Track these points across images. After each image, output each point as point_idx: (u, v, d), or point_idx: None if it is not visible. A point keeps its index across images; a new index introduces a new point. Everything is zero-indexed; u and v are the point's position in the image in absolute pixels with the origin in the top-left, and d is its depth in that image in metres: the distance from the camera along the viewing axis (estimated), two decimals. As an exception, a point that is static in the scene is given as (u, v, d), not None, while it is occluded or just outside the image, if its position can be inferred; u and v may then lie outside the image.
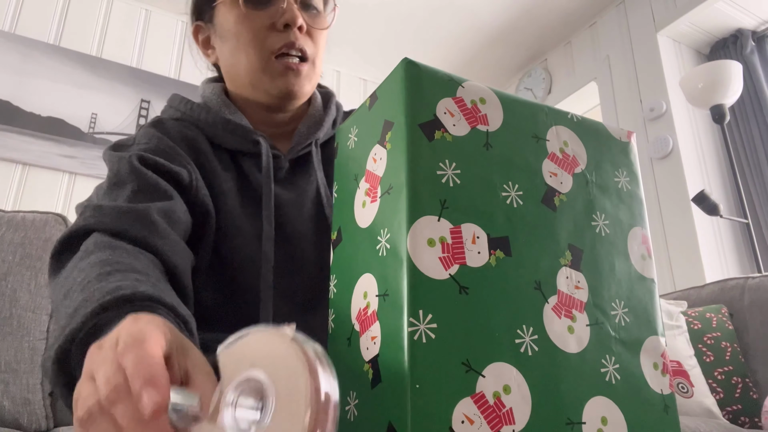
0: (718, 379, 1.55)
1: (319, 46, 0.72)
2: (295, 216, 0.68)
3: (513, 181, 0.45)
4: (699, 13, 2.59)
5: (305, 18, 0.69)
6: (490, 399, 0.37)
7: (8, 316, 1.03)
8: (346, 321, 0.45)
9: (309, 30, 0.70)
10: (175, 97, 0.75)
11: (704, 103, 2.21)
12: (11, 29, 2.56)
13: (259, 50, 0.67)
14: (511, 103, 0.48)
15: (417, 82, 0.43)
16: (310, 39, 0.70)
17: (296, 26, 0.68)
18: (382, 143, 0.45)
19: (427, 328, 0.36)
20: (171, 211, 0.58)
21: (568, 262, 0.45)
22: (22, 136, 2.44)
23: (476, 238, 0.41)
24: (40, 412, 1.03)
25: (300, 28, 0.68)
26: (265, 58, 0.67)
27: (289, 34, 0.67)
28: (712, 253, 2.39)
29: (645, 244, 0.51)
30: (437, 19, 3.07)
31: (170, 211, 0.58)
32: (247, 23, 0.68)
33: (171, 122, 0.70)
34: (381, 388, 0.38)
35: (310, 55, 0.70)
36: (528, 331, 0.40)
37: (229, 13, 0.69)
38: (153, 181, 0.59)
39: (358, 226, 0.47)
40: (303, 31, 0.69)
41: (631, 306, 0.47)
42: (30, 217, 1.16)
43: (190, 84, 2.87)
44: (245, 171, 0.69)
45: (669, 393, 0.46)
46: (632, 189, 0.53)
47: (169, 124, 0.69)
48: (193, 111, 0.71)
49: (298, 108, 0.75)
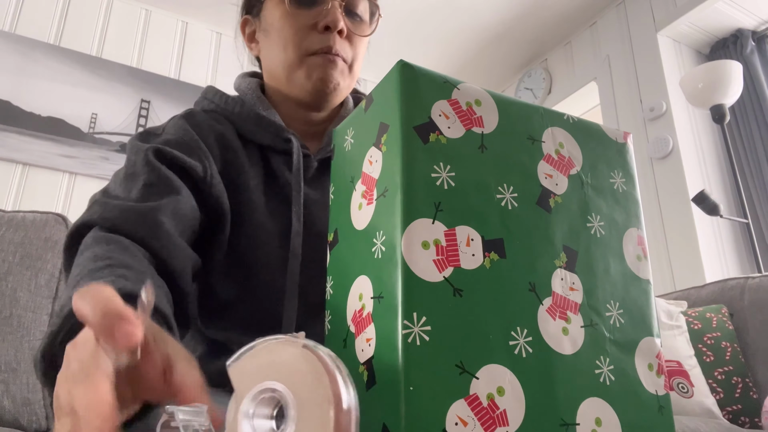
0: (718, 379, 1.55)
1: (358, 51, 0.74)
2: (320, 216, 0.67)
3: (508, 183, 0.45)
4: (699, 13, 2.59)
5: (347, 23, 0.71)
6: (483, 401, 0.37)
7: (8, 315, 1.04)
8: (341, 323, 0.45)
9: (349, 35, 0.72)
10: (210, 89, 0.76)
11: (704, 103, 2.21)
12: (11, 29, 2.56)
13: (298, 48, 0.69)
14: (507, 104, 0.48)
15: (412, 84, 0.44)
16: (348, 44, 0.71)
17: (336, 30, 0.69)
18: (377, 145, 0.45)
19: (421, 330, 0.37)
20: (179, 209, 0.59)
21: (562, 263, 0.45)
22: (22, 136, 2.44)
23: (471, 240, 0.41)
24: (40, 412, 1.03)
25: (340, 32, 0.69)
26: (301, 56, 0.69)
27: (328, 37, 0.69)
28: (712, 253, 2.39)
29: (641, 245, 0.52)
30: (437, 19, 3.07)
31: (178, 209, 0.59)
32: (291, 21, 0.69)
33: (202, 114, 0.71)
34: (376, 390, 0.38)
35: (347, 59, 0.71)
36: (522, 332, 0.41)
37: (275, 9, 0.71)
38: (165, 175, 0.60)
39: (354, 228, 0.47)
40: (343, 36, 0.70)
41: (626, 307, 0.47)
42: (30, 217, 1.16)
43: (191, 84, 2.88)
44: (273, 168, 0.69)
45: (664, 394, 0.47)
46: (628, 190, 0.53)
47: (200, 116, 0.70)
48: (227, 104, 0.72)
49: (332, 110, 0.76)
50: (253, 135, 0.70)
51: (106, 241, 0.52)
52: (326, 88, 0.70)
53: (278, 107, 0.74)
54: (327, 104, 0.73)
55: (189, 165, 0.63)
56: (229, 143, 0.68)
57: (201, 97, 0.76)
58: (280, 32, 0.70)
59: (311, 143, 0.75)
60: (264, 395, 0.29)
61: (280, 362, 0.29)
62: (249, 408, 0.29)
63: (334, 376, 0.27)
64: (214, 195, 0.64)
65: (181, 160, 0.62)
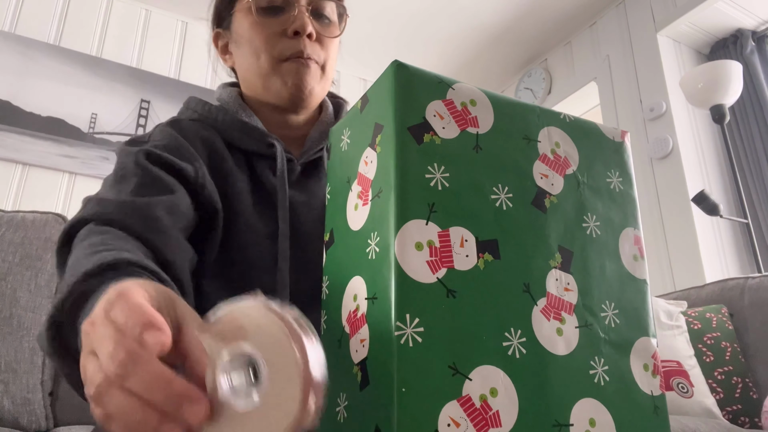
0: (718, 379, 1.55)
1: (330, 53, 0.75)
2: (306, 218, 0.69)
3: (503, 184, 0.45)
4: (699, 13, 2.58)
5: (316, 26, 0.72)
6: (476, 402, 0.37)
7: (8, 316, 1.04)
8: (336, 323, 0.45)
9: (319, 37, 0.73)
10: (192, 99, 0.78)
11: (704, 103, 2.20)
12: (11, 29, 2.56)
13: (270, 55, 0.71)
14: (502, 104, 0.48)
15: (406, 84, 0.44)
16: (319, 46, 0.73)
17: (305, 33, 0.70)
18: (372, 146, 0.45)
19: (414, 331, 0.37)
20: (174, 205, 0.60)
21: (557, 264, 0.45)
22: (22, 136, 2.44)
23: (464, 241, 0.41)
24: (39, 412, 1.03)
25: (309, 36, 0.71)
26: (274, 62, 0.71)
27: (299, 42, 0.70)
28: (712, 253, 2.38)
29: (637, 245, 0.51)
30: (437, 19, 3.07)
31: (173, 205, 0.60)
32: (260, 29, 0.71)
33: (188, 122, 0.72)
34: (369, 390, 0.38)
35: (319, 61, 0.73)
36: (516, 333, 0.40)
37: (244, 19, 0.73)
38: (157, 175, 0.61)
39: (350, 228, 0.47)
40: (312, 39, 0.72)
41: (622, 307, 0.47)
42: (30, 217, 1.16)
43: (190, 84, 2.88)
44: (258, 172, 0.71)
45: (659, 394, 0.46)
46: (625, 189, 0.53)
47: (186, 124, 0.72)
48: (210, 112, 0.74)
49: (310, 114, 0.78)
50: (239, 142, 0.72)
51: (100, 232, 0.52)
52: (302, 93, 0.72)
53: (258, 114, 0.76)
54: (304, 108, 0.75)
55: (180, 167, 0.63)
56: (216, 149, 0.70)
57: (184, 107, 0.77)
58: (251, 42, 0.72)
59: (294, 148, 0.77)
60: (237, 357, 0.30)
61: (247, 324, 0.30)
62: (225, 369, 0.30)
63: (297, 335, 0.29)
64: (206, 195, 0.65)
65: (172, 161, 0.63)
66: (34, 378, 1.03)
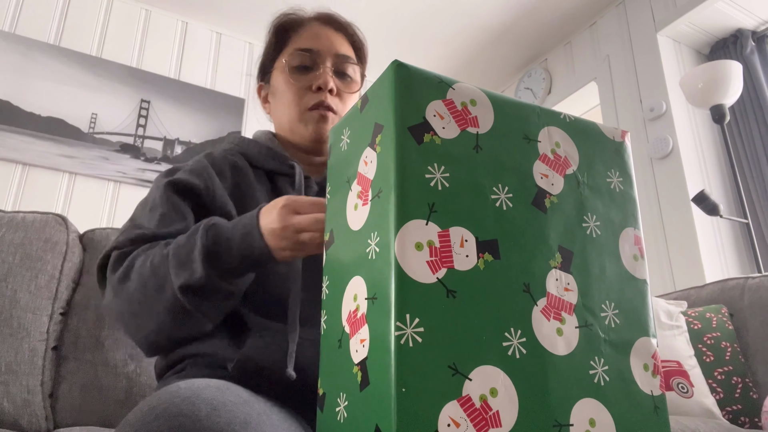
0: (718, 379, 1.55)
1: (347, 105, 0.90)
2: None
3: (503, 184, 0.45)
4: (699, 13, 2.58)
5: (337, 83, 0.88)
6: (476, 402, 0.37)
7: (8, 317, 1.04)
8: (337, 323, 0.45)
9: (339, 92, 0.88)
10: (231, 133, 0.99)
11: (704, 103, 2.20)
12: (11, 29, 2.57)
13: (298, 106, 0.87)
14: (503, 104, 0.48)
15: (406, 84, 0.44)
16: (339, 99, 0.88)
17: (327, 89, 0.85)
18: (372, 146, 0.45)
19: (414, 332, 0.37)
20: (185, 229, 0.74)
21: (557, 264, 0.45)
22: (22, 136, 2.44)
23: (464, 241, 0.41)
24: (40, 414, 1.03)
25: (330, 91, 0.86)
26: (302, 111, 0.86)
27: (321, 95, 0.85)
28: (712, 253, 2.38)
29: (637, 245, 0.51)
30: (438, 19, 3.07)
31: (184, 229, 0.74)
32: (291, 85, 0.87)
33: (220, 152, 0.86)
34: (369, 391, 0.38)
35: (338, 112, 0.88)
36: (516, 333, 0.40)
37: (279, 76, 0.90)
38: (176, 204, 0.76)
39: (350, 228, 0.47)
40: (333, 93, 0.87)
41: (622, 307, 0.47)
42: (30, 218, 1.16)
43: (190, 84, 2.88)
44: (278, 185, 0.84)
45: (659, 394, 0.46)
46: (625, 189, 0.53)
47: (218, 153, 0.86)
48: (242, 143, 0.89)
49: None
50: (263, 163, 0.85)
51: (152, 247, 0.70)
52: (321, 138, 0.87)
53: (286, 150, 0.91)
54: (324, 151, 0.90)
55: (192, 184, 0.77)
56: (240, 168, 0.83)
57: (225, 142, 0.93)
58: (284, 94, 0.88)
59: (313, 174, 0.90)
60: None
61: None
62: None
63: None
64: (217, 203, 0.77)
65: (185, 182, 0.77)
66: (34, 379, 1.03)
